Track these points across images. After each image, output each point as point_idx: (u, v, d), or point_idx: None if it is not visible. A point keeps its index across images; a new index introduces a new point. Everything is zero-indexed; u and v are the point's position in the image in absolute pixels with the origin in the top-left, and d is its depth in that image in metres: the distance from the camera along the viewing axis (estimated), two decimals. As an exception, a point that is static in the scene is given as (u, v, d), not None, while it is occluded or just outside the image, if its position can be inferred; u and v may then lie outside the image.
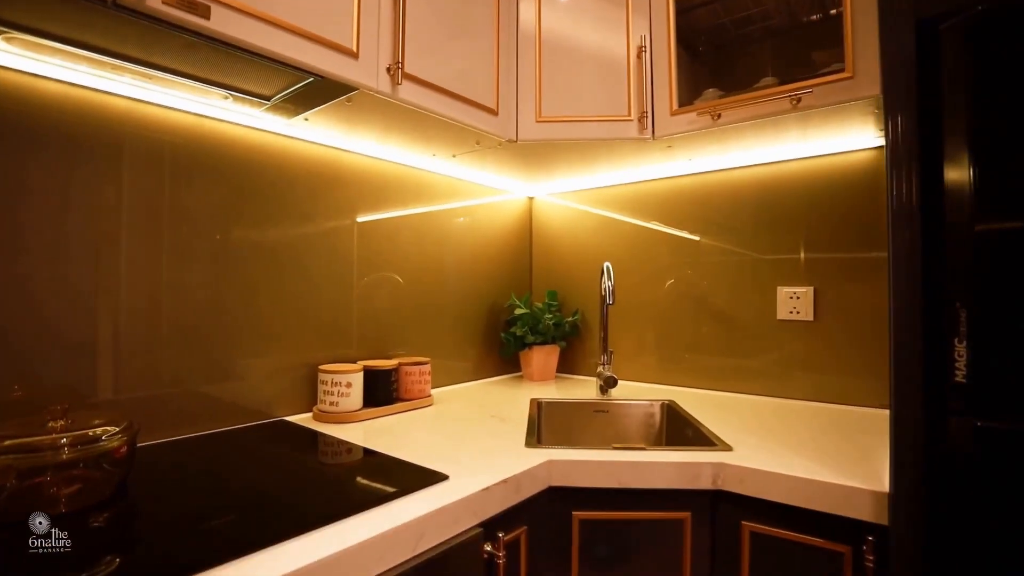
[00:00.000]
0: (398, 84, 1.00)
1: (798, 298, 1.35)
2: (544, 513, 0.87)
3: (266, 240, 1.13)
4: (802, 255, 1.36)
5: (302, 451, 0.96)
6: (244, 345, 1.09)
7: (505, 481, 0.78)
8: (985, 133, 0.62)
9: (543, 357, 1.66)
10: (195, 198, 1.02)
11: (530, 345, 1.65)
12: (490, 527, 0.75)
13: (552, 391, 1.51)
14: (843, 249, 1.30)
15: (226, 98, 0.99)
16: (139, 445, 0.86)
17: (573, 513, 0.89)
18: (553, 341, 1.68)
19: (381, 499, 0.68)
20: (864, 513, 0.75)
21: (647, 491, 0.88)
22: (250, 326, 1.10)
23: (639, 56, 1.27)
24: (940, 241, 0.65)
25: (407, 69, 1.02)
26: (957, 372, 0.63)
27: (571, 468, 0.88)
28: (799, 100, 1.08)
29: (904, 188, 0.69)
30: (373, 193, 1.36)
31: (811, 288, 1.34)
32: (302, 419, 1.14)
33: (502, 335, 1.71)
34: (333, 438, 1.00)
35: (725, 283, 1.48)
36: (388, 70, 0.99)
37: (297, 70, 0.88)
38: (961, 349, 0.62)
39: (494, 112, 1.23)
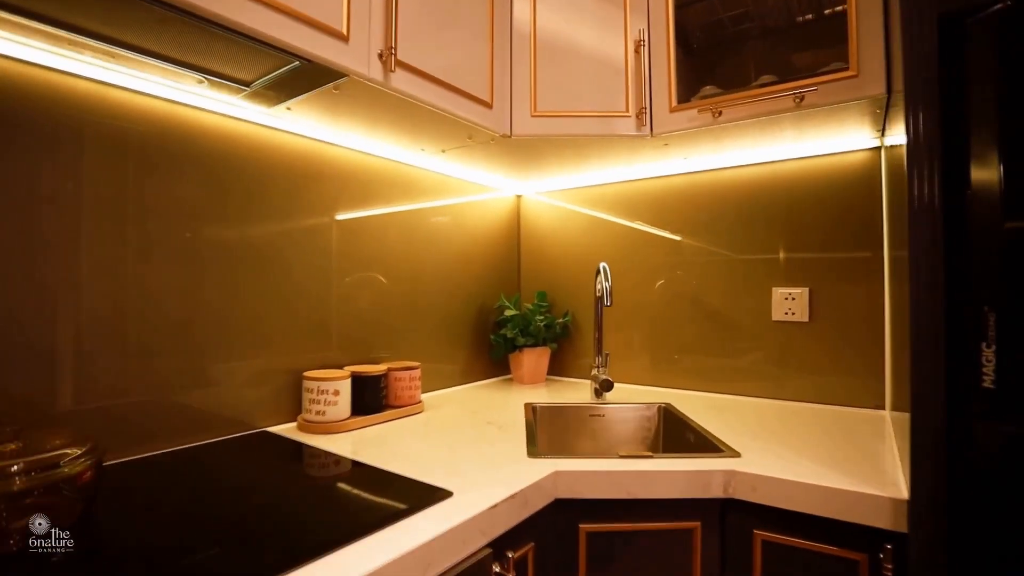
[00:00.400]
0: (391, 71, 0.94)
1: (793, 299, 1.34)
2: (551, 527, 0.83)
3: (242, 237, 1.05)
4: (797, 256, 1.35)
5: (289, 467, 0.89)
6: (220, 349, 1.01)
7: (513, 496, 0.73)
8: (1014, 129, 0.60)
9: (534, 359, 1.62)
10: (164, 192, 0.94)
11: (521, 347, 1.60)
12: (498, 546, 0.70)
13: (545, 395, 1.46)
14: (838, 249, 1.30)
15: (201, 82, 0.90)
16: (108, 463, 0.78)
17: (580, 526, 0.85)
18: (544, 343, 1.64)
19: (383, 522, 0.62)
20: (881, 520, 0.73)
21: (655, 501, 0.84)
22: (225, 328, 1.02)
23: (637, 51, 1.24)
24: (965, 241, 0.64)
25: (400, 56, 0.96)
26: (985, 377, 0.61)
27: (577, 479, 0.84)
28: (802, 98, 1.06)
29: (926, 187, 0.67)
30: (357, 188, 1.28)
31: (806, 289, 1.33)
32: (286, 430, 1.06)
33: (491, 337, 1.66)
34: (322, 451, 0.93)
35: (719, 284, 1.47)
36: (380, 56, 0.93)
37: (282, 52, 0.81)
38: (990, 354, 0.60)
39: (488, 105, 1.17)
